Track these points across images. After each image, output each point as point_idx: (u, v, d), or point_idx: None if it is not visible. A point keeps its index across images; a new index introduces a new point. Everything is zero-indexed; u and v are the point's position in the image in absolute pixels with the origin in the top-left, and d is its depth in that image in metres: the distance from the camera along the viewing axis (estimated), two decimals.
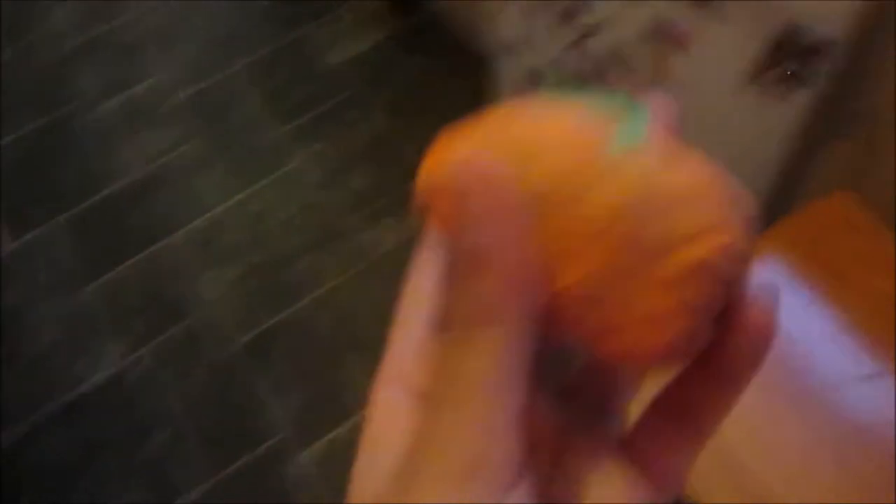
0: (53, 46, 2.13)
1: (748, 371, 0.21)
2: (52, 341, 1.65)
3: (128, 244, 1.76)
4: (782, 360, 0.81)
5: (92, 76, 2.07)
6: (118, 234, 1.79)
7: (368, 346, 1.54)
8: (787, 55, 0.89)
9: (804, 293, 0.86)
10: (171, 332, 1.63)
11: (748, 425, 0.78)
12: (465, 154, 0.20)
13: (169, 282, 1.71)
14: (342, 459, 1.42)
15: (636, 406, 0.23)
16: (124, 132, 1.95)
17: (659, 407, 0.22)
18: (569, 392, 0.23)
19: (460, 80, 1.94)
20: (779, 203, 1.11)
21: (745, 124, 1.03)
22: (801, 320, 0.84)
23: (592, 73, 1.28)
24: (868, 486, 0.74)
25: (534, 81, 1.49)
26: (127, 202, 1.84)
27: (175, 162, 1.89)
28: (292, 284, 1.67)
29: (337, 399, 1.51)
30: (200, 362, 1.60)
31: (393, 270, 1.63)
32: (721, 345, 0.20)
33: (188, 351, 1.61)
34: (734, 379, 0.21)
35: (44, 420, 1.55)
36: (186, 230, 1.77)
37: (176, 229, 1.77)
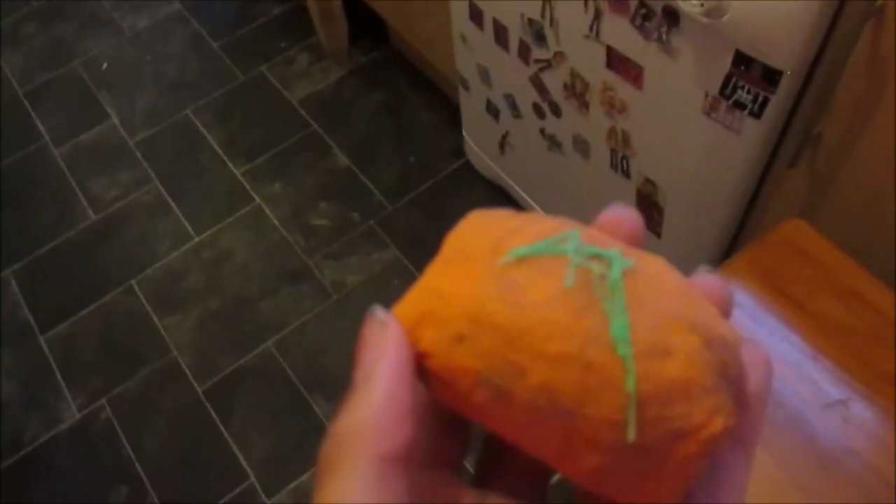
0: (5, 91, 2.09)
1: (756, 437, 0.22)
2: (5, 395, 1.59)
3: (83, 293, 1.72)
4: None
5: (44, 121, 2.03)
6: (72, 282, 1.75)
7: (335, 386, 1.52)
8: (738, 86, 0.91)
9: (768, 322, 0.86)
10: (130, 383, 1.59)
11: None
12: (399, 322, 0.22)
13: (126, 330, 1.66)
14: None
15: None
16: (77, 177, 1.92)
17: None
18: None
19: (422, 114, 1.94)
20: (736, 232, 1.12)
21: (702, 156, 1.03)
22: (766, 349, 0.84)
23: (549, 106, 1.29)
24: None
25: (494, 114, 1.50)
26: (81, 249, 1.80)
27: (130, 207, 1.86)
28: (254, 328, 1.64)
29: (304, 443, 1.48)
30: (161, 412, 1.55)
31: (357, 309, 1.62)
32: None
33: (148, 400, 1.57)
34: (746, 450, 0.22)
35: (1, 477, 1.50)
36: (143, 276, 1.74)
37: (132, 276, 1.74)
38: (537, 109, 1.33)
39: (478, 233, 0.22)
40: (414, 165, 1.85)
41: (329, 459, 0.20)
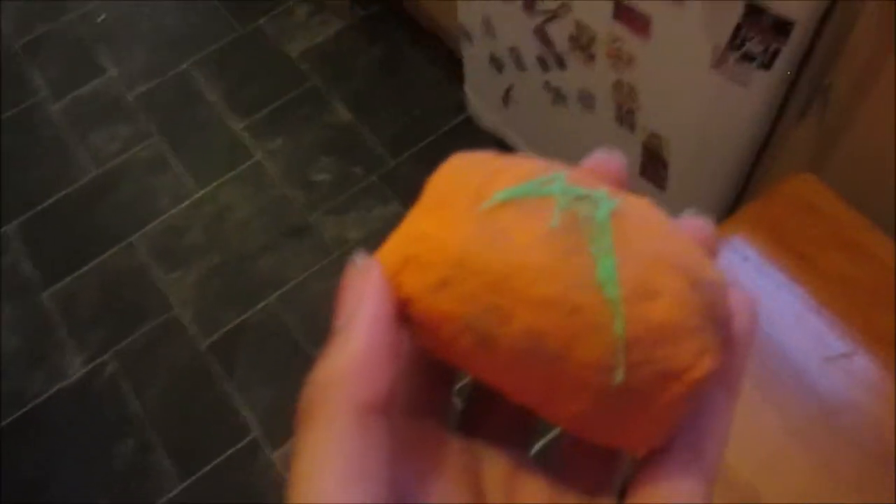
0: (1, 44, 2.06)
1: (739, 379, 0.22)
2: (9, 351, 1.60)
3: (84, 248, 1.72)
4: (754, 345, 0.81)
5: (40, 76, 2.01)
6: (73, 238, 1.74)
7: None
8: (748, 38, 0.89)
9: (772, 275, 0.86)
10: (133, 338, 1.60)
11: None
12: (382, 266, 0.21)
13: (129, 286, 1.66)
14: None
15: None
16: (75, 133, 1.90)
17: (658, 453, 0.21)
18: (564, 472, 0.23)
19: (423, 68, 1.92)
20: (744, 185, 1.12)
21: (709, 109, 1.02)
22: (771, 302, 0.84)
23: (555, 58, 1.27)
24: (835, 469, 0.74)
25: (497, 67, 1.48)
26: (81, 205, 1.79)
27: (129, 163, 1.84)
28: (256, 283, 1.64)
29: None
30: (165, 367, 1.56)
31: None
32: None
33: (151, 356, 1.57)
34: (729, 392, 0.22)
35: (3, 434, 1.51)
36: (144, 232, 1.73)
37: (133, 232, 1.73)
38: (542, 62, 1.31)
39: (460, 176, 0.21)
40: (416, 120, 1.83)
41: (308, 409, 0.19)
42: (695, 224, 0.23)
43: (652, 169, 1.21)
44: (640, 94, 1.13)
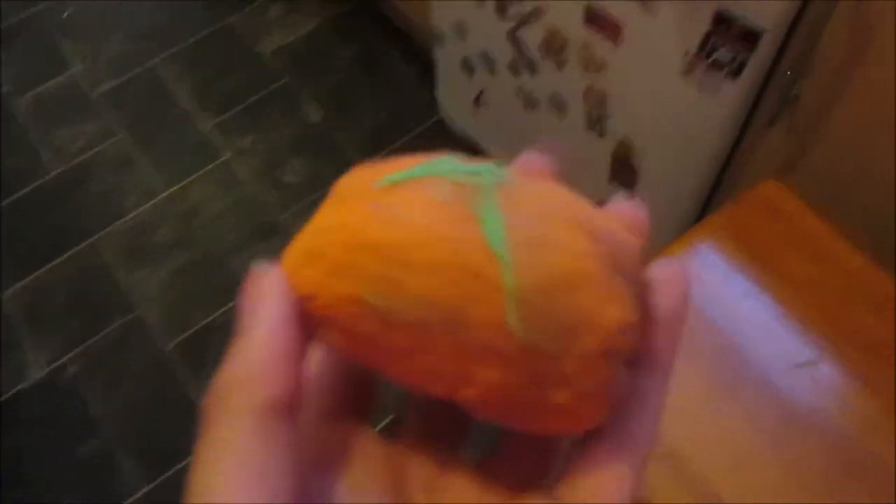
0: None
1: (670, 358, 0.21)
2: None
3: (47, 247, 1.69)
4: (720, 350, 0.82)
5: (3, 70, 1.97)
6: (36, 236, 1.71)
7: None
8: (717, 46, 0.90)
9: (739, 282, 0.87)
10: (98, 338, 1.57)
11: (688, 418, 0.78)
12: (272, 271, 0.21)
13: (95, 284, 1.64)
14: None
15: None
16: (40, 129, 1.86)
17: (590, 438, 0.21)
18: (494, 470, 0.23)
19: (396, 68, 1.91)
20: (712, 193, 1.13)
21: (678, 116, 1.03)
22: (738, 310, 0.84)
23: (526, 63, 1.27)
24: (803, 474, 0.75)
25: (469, 71, 1.48)
26: (45, 203, 1.75)
27: (95, 160, 1.81)
28: (225, 283, 1.62)
29: None
30: (130, 368, 1.54)
31: None
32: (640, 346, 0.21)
33: (116, 356, 1.55)
34: (659, 371, 0.21)
35: None
36: (110, 231, 1.70)
37: (98, 230, 1.70)
38: (514, 67, 1.31)
39: (360, 175, 0.22)
40: (387, 120, 1.83)
41: (210, 411, 0.19)
42: (621, 206, 0.22)
43: (622, 175, 1.21)
44: (610, 100, 1.13)
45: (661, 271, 0.21)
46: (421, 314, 0.19)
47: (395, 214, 0.19)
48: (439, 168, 0.20)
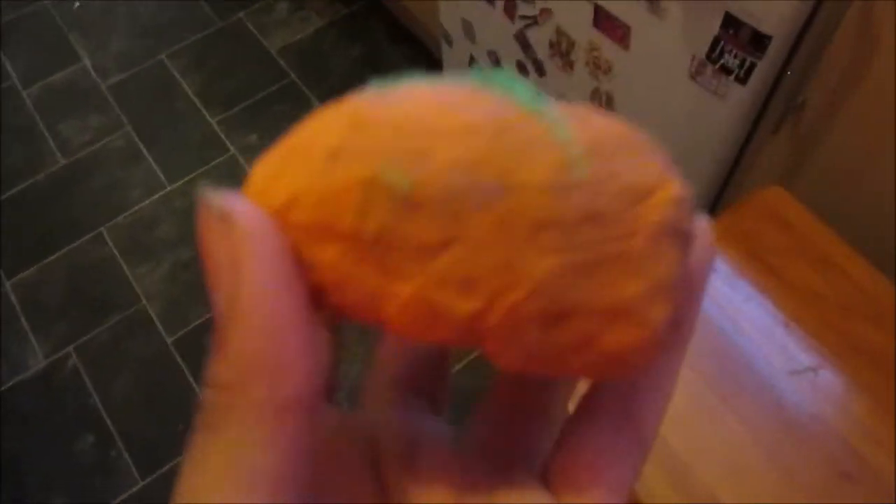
0: None
1: (689, 329, 0.18)
2: None
3: (50, 239, 1.69)
4: (721, 355, 0.81)
5: (12, 61, 1.97)
6: (40, 228, 1.71)
7: None
8: (726, 51, 0.89)
9: (741, 287, 0.86)
10: (98, 331, 1.57)
11: (686, 424, 0.78)
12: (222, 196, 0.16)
13: (95, 278, 1.64)
14: None
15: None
16: (47, 120, 1.86)
17: (587, 419, 0.18)
18: (485, 443, 0.20)
19: (403, 68, 1.91)
20: (717, 197, 1.12)
21: (685, 120, 1.03)
22: (740, 315, 0.84)
23: (534, 64, 1.27)
24: (801, 481, 0.74)
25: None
26: (49, 195, 1.75)
27: (100, 153, 1.81)
28: None
29: None
30: (129, 361, 1.54)
31: None
32: None
33: (116, 350, 1.55)
34: (679, 343, 0.18)
35: None
36: (113, 224, 1.70)
37: (102, 223, 1.70)
38: (521, 68, 1.31)
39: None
40: None
41: (214, 410, 0.15)
42: None
43: None
44: (617, 103, 1.13)
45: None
46: (453, 183, 0.14)
47: (405, 98, 0.16)
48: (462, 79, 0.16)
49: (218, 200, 0.15)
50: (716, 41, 0.90)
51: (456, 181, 0.14)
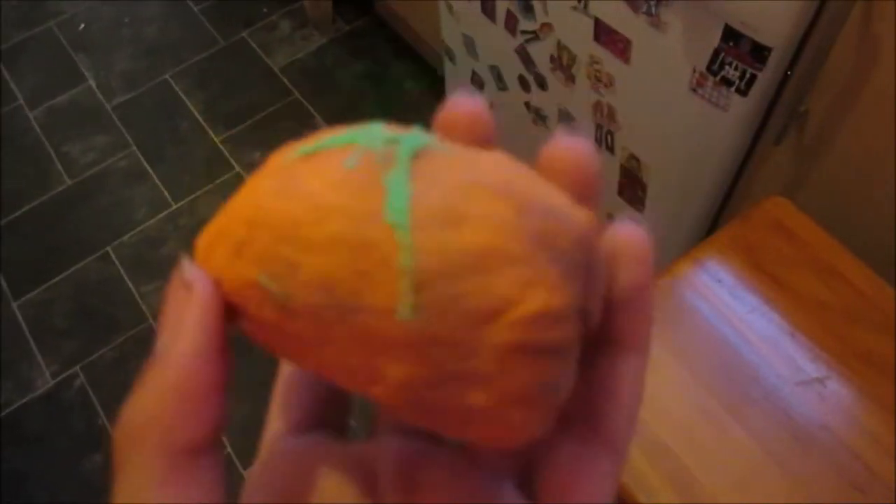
0: None
1: (640, 338, 0.18)
2: None
3: (57, 258, 1.69)
4: (727, 366, 0.81)
5: (18, 82, 1.99)
6: (47, 248, 1.72)
7: None
8: (726, 63, 0.90)
9: (746, 298, 0.86)
10: (105, 350, 1.57)
11: (694, 435, 0.78)
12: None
13: (102, 297, 1.64)
14: None
15: None
16: (53, 141, 1.88)
17: (559, 429, 0.18)
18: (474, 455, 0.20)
19: (405, 85, 1.92)
20: (720, 208, 1.12)
21: (687, 132, 1.03)
22: (745, 326, 0.84)
23: (535, 78, 1.28)
24: (810, 491, 0.74)
25: (479, 86, 1.48)
26: (55, 215, 1.76)
27: (106, 173, 1.82)
28: None
29: None
30: (136, 381, 1.54)
31: None
32: (607, 331, 0.18)
33: (123, 369, 1.55)
34: (629, 354, 0.18)
35: None
36: (119, 243, 1.71)
37: (108, 242, 1.71)
38: (523, 82, 1.32)
39: (284, 149, 0.19)
40: None
41: (120, 454, 0.17)
42: (565, 145, 0.18)
43: (630, 190, 1.21)
44: (619, 116, 1.13)
45: (618, 240, 0.18)
46: (315, 299, 0.16)
47: (295, 186, 0.17)
48: (359, 136, 0.18)
49: (186, 270, 0.18)
50: (716, 53, 0.90)
51: (318, 297, 0.16)
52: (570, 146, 0.18)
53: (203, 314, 0.17)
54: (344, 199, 0.16)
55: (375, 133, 0.18)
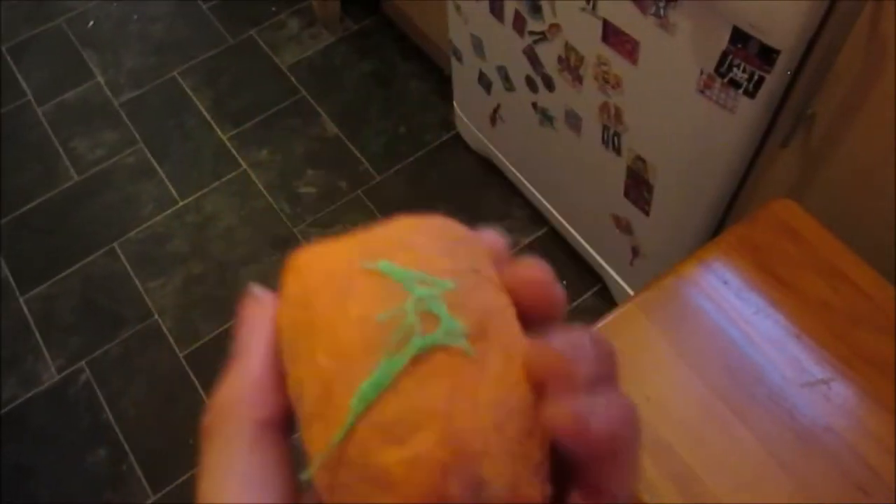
0: None
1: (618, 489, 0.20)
2: None
3: (64, 254, 1.70)
4: (732, 368, 0.81)
5: (27, 78, 2.00)
6: (53, 243, 1.73)
7: None
8: (734, 65, 0.90)
9: (752, 300, 0.86)
10: (111, 345, 1.58)
11: (698, 435, 0.78)
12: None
13: (108, 292, 1.65)
14: None
15: None
16: (61, 137, 1.89)
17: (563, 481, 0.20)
18: None
19: (412, 85, 1.92)
20: (726, 210, 1.12)
21: (694, 133, 1.03)
22: (750, 327, 0.84)
23: (543, 79, 1.28)
24: (815, 493, 0.74)
25: (486, 86, 1.49)
26: (63, 210, 1.77)
27: (113, 169, 1.83)
28: (237, 294, 1.62)
29: None
30: (141, 376, 1.54)
31: None
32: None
33: (128, 364, 1.56)
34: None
35: None
36: (126, 239, 1.72)
37: (115, 238, 1.72)
38: (530, 82, 1.32)
39: (327, 258, 0.23)
40: (403, 135, 1.84)
41: (210, 429, 0.21)
42: (532, 273, 0.21)
43: (636, 192, 1.22)
44: (626, 117, 1.14)
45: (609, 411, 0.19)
46: (295, 388, 0.20)
47: (342, 302, 0.20)
48: (417, 289, 0.19)
49: (258, 291, 0.23)
50: (724, 55, 0.90)
51: (295, 387, 0.21)
52: (534, 272, 0.21)
53: (271, 321, 0.22)
54: (351, 347, 0.19)
55: (431, 296, 0.19)
